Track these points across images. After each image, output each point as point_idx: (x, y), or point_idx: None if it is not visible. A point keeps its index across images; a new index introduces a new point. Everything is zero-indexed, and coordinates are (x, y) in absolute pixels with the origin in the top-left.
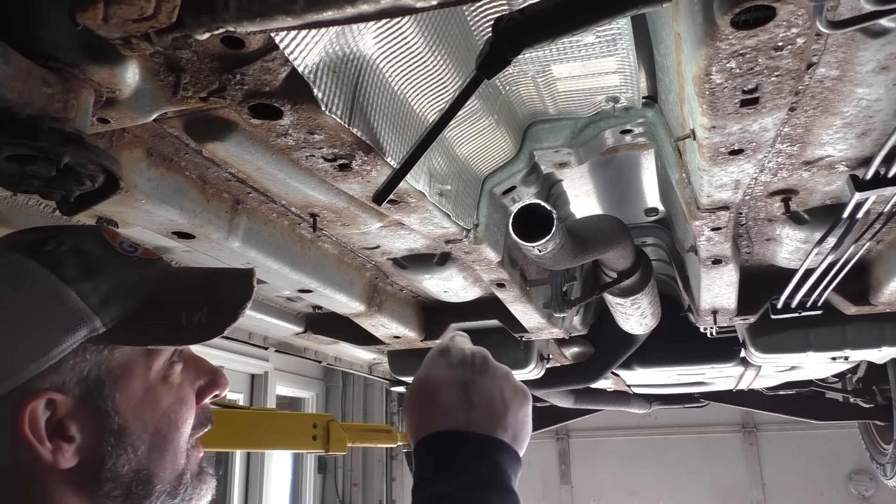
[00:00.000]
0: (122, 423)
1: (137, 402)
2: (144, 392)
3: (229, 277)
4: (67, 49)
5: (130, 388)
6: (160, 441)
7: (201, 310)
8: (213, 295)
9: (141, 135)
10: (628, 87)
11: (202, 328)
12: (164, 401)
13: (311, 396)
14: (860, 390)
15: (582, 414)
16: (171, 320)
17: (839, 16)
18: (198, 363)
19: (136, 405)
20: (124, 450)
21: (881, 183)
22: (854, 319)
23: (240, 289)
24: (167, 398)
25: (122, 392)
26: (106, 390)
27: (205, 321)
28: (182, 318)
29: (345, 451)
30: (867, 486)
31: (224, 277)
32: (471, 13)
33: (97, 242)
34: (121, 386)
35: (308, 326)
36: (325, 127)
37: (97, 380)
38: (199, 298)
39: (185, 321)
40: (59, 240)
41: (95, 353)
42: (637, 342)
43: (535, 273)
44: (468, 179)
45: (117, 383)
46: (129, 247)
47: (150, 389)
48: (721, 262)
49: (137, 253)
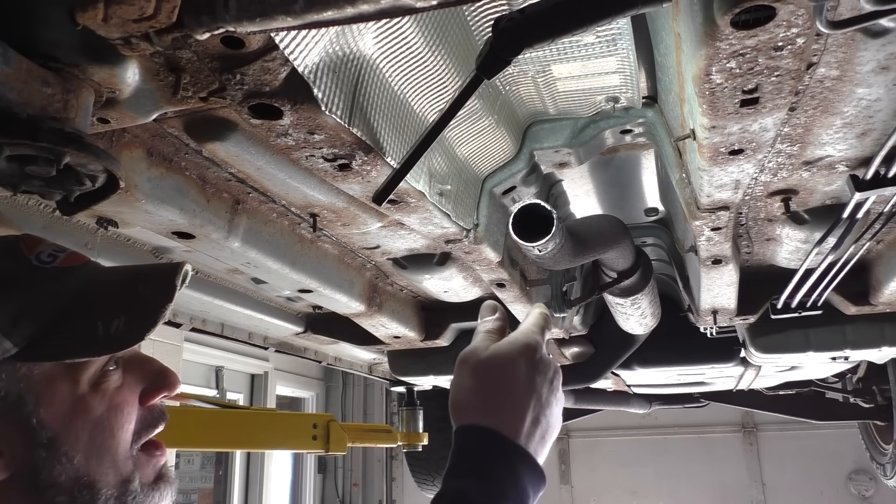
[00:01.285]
0: (52, 436)
1: (65, 414)
2: (72, 403)
3: (151, 279)
4: (67, 49)
5: (55, 401)
6: (96, 448)
7: (118, 318)
8: (132, 300)
9: (141, 135)
10: (628, 87)
11: (120, 336)
12: (95, 409)
13: (311, 396)
14: (860, 390)
15: (582, 414)
16: (87, 332)
17: (839, 16)
18: (143, 365)
19: (64, 416)
20: (58, 460)
21: (881, 183)
22: (854, 319)
23: (160, 292)
24: (99, 406)
25: (47, 406)
26: (29, 406)
27: (122, 329)
28: (98, 328)
29: (345, 451)
30: (867, 486)
31: (144, 279)
32: (471, 13)
33: (10, 257)
34: (45, 400)
35: (308, 326)
36: (325, 127)
37: (17, 397)
38: (117, 305)
39: (102, 331)
40: None
41: (11, 372)
42: (637, 342)
43: (535, 273)
44: (468, 179)
45: (41, 398)
46: (48, 257)
47: (78, 400)
48: (721, 262)
49: (56, 262)
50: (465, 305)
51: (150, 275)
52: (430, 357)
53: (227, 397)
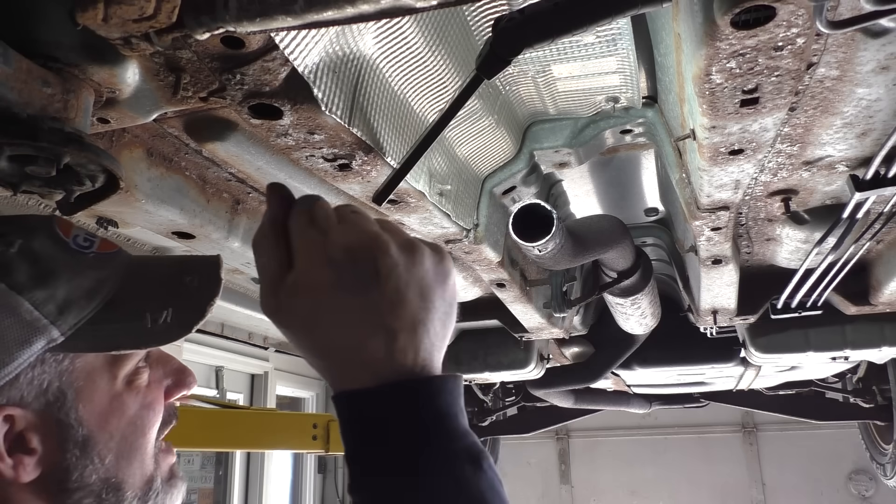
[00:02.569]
0: (87, 434)
1: (102, 411)
2: (110, 400)
3: (196, 270)
4: (67, 49)
5: (95, 397)
6: (128, 448)
7: (166, 309)
8: (178, 292)
9: (141, 135)
10: (628, 87)
11: (168, 329)
12: (130, 408)
13: (311, 396)
14: (860, 390)
15: (582, 414)
16: (135, 323)
17: (839, 16)
18: (166, 362)
19: (102, 414)
20: (90, 460)
21: (881, 183)
22: (854, 319)
23: (207, 284)
24: (134, 404)
25: (86, 402)
26: (68, 401)
27: (171, 321)
28: (147, 319)
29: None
30: (867, 486)
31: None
32: (471, 13)
33: (49, 239)
34: (84, 396)
35: None
36: (325, 127)
37: (58, 391)
38: (163, 297)
39: (150, 323)
40: (7, 240)
41: (55, 363)
42: (637, 342)
43: (535, 273)
44: (468, 179)
45: (80, 394)
46: (85, 241)
47: (116, 397)
48: (721, 262)
49: (94, 248)
50: (465, 305)
51: (194, 266)
52: None
53: (227, 397)
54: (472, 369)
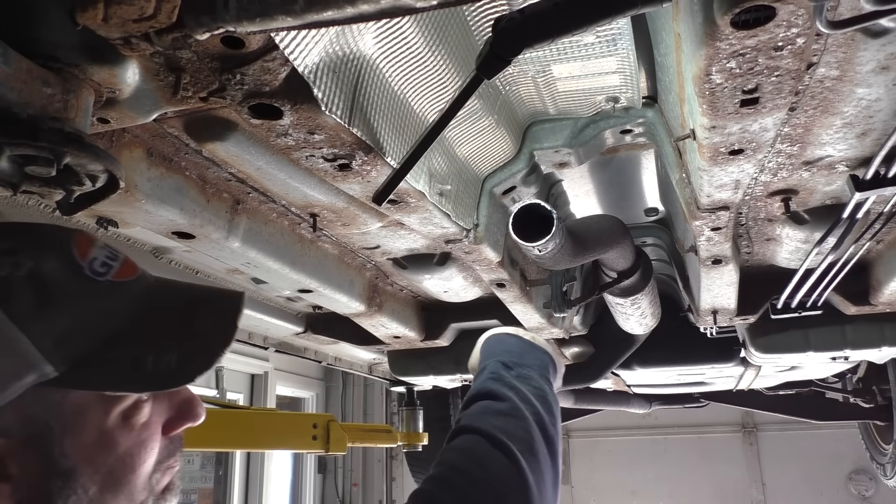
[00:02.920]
0: (71, 466)
1: (90, 446)
2: (98, 436)
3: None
4: (67, 49)
5: (83, 433)
6: (114, 482)
7: (171, 353)
8: (188, 335)
9: (141, 135)
10: (628, 87)
11: (169, 374)
12: (121, 445)
13: (311, 396)
14: (860, 390)
15: (582, 414)
16: (135, 363)
17: (839, 16)
18: (172, 393)
19: (88, 448)
20: (73, 490)
21: (881, 183)
22: (854, 319)
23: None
24: (125, 442)
25: (73, 436)
26: (54, 435)
27: (174, 366)
28: (148, 361)
29: (345, 451)
30: (867, 486)
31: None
32: (471, 13)
33: (62, 263)
34: (72, 430)
35: (308, 326)
36: (325, 127)
37: (44, 425)
38: (171, 338)
39: (151, 366)
40: (17, 260)
41: (44, 397)
42: (637, 342)
43: (535, 273)
44: (468, 179)
45: (67, 428)
46: (101, 267)
47: (105, 434)
48: (721, 262)
49: (109, 275)
50: (465, 305)
51: (210, 303)
52: (430, 357)
53: (227, 397)
54: None
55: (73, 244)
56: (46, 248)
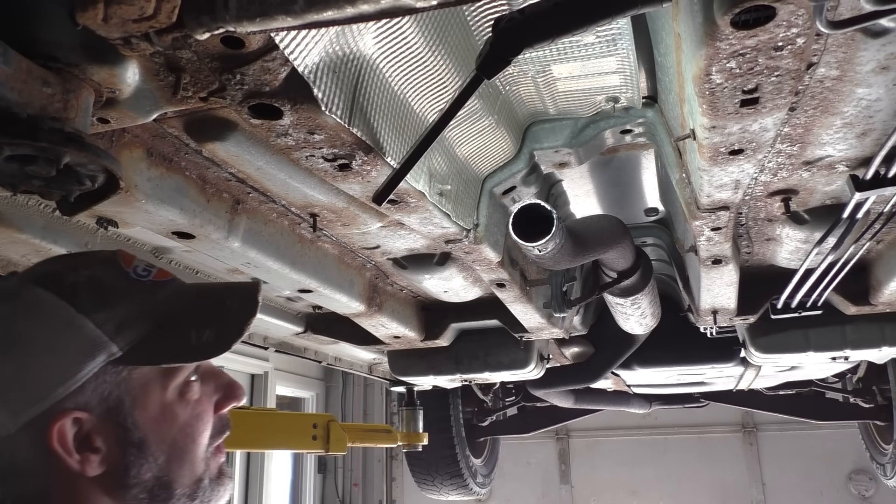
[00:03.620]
0: (142, 437)
1: (155, 418)
2: (161, 409)
3: (235, 295)
4: (67, 49)
5: (148, 405)
6: (178, 451)
7: (209, 328)
8: (220, 313)
9: (141, 135)
10: (628, 87)
11: (210, 345)
12: (180, 416)
13: (311, 396)
14: (860, 390)
15: (582, 414)
16: (182, 340)
17: (839, 16)
18: (217, 377)
19: (154, 421)
20: (146, 459)
21: (881, 183)
22: (854, 319)
23: (244, 307)
24: (184, 414)
25: (141, 409)
26: (126, 408)
27: (212, 339)
28: (192, 337)
29: (345, 451)
30: (867, 486)
31: (230, 295)
32: (471, 13)
33: (112, 270)
34: (139, 404)
35: (308, 326)
36: (325, 127)
37: (117, 399)
38: (207, 318)
39: (195, 340)
40: (77, 272)
41: (114, 375)
42: (637, 342)
43: (535, 273)
44: (468, 179)
45: (136, 402)
46: (143, 271)
47: (167, 406)
48: (721, 262)
49: (150, 277)
50: (465, 305)
51: (234, 291)
52: (430, 357)
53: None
54: (472, 369)
55: (118, 257)
56: (98, 262)
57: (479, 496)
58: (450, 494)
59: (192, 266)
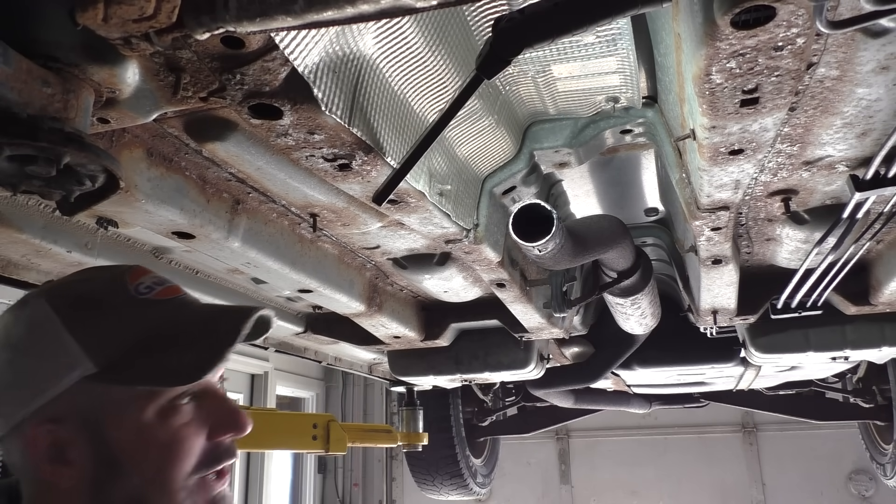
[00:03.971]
0: (115, 456)
1: (130, 439)
2: (137, 430)
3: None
4: (67, 49)
5: (122, 425)
6: (153, 475)
7: (192, 351)
8: (208, 336)
9: (141, 135)
10: (628, 87)
11: (187, 369)
12: (157, 439)
13: (311, 396)
14: (860, 390)
15: (582, 414)
16: (158, 363)
17: (839, 16)
18: (217, 402)
19: (129, 441)
20: (118, 478)
21: (881, 183)
22: (854, 319)
23: (231, 329)
24: (163, 437)
25: (115, 428)
26: (101, 425)
27: (189, 364)
28: (174, 359)
29: (345, 451)
30: (867, 486)
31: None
32: (471, 13)
33: (115, 285)
34: (114, 422)
35: (308, 326)
36: (325, 127)
37: (92, 415)
38: (194, 340)
39: (177, 362)
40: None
41: (88, 390)
42: (637, 342)
43: (535, 273)
44: (468, 179)
45: (108, 419)
46: (146, 288)
47: (143, 428)
48: (721, 262)
49: (151, 294)
50: (465, 305)
51: (230, 313)
52: (430, 357)
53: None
54: (472, 369)
55: (128, 272)
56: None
57: (479, 496)
58: (450, 494)
59: (192, 266)
